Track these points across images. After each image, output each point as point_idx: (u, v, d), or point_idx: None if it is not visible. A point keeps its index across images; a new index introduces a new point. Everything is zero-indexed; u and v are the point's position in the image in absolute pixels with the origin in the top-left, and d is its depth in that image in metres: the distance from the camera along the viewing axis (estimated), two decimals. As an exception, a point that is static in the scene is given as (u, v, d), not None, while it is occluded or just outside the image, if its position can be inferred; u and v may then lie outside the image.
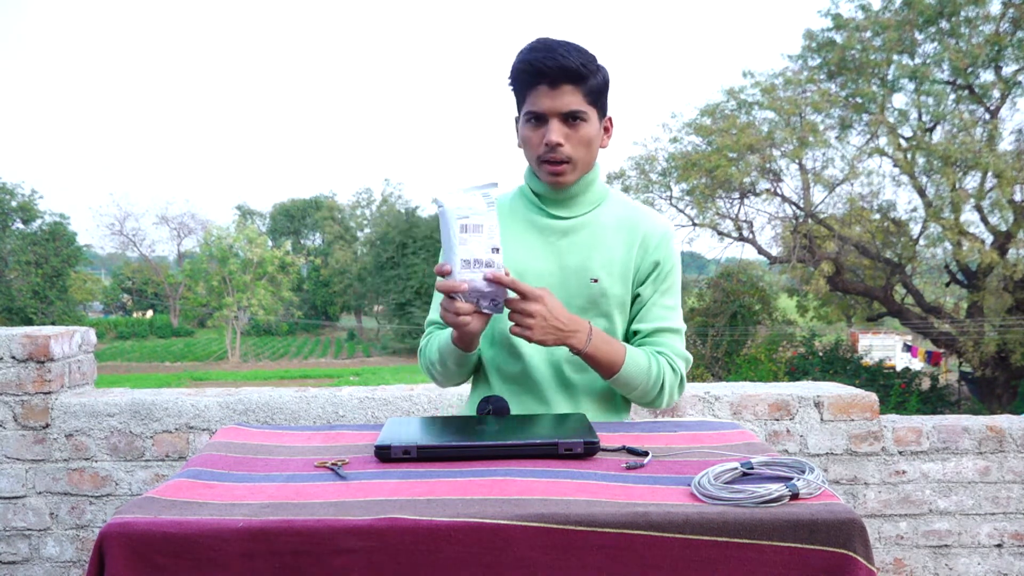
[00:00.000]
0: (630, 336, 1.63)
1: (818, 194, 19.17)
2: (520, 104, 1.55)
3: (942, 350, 20.28)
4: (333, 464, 1.27)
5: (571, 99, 1.48)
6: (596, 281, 1.56)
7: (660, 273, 1.60)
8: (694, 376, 23.67)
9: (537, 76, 1.47)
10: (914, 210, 18.83)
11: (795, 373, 20.57)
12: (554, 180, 1.54)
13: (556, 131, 1.49)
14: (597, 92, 1.52)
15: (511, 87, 1.56)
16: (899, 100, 18.26)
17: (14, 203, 42.79)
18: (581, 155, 1.53)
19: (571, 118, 1.50)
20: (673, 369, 1.57)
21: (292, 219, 58.97)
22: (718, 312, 24.10)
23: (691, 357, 1.63)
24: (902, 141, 17.89)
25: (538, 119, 1.51)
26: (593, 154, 1.56)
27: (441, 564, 1.04)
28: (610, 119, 1.60)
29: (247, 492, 1.16)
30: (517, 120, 1.59)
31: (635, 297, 1.61)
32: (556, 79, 1.46)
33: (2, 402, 2.61)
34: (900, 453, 2.70)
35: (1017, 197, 16.75)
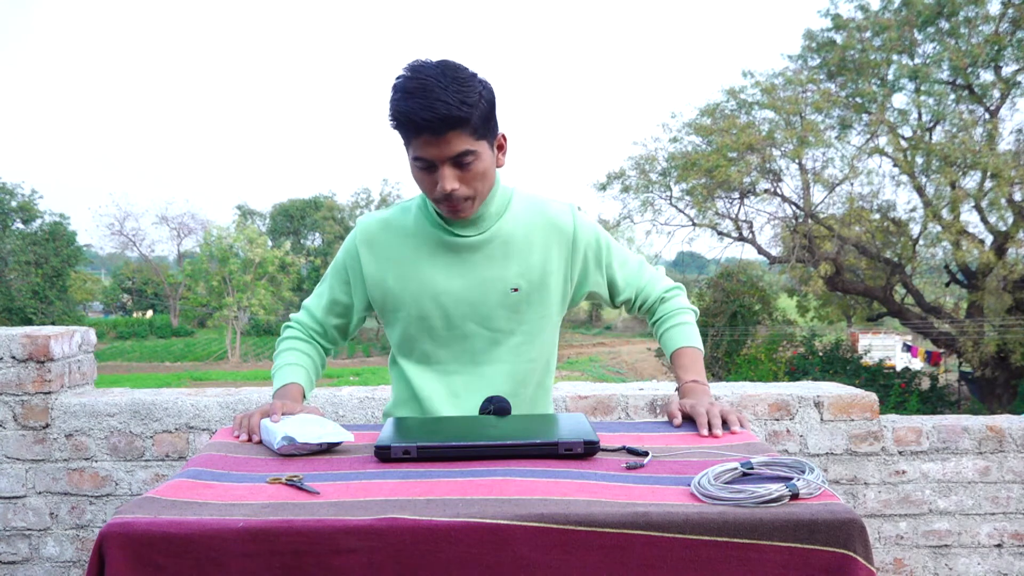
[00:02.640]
0: (624, 302, 1.75)
1: (818, 194, 19.19)
2: (405, 144, 1.48)
3: (942, 350, 20.27)
4: (289, 479, 1.21)
5: (457, 144, 1.42)
6: (516, 290, 1.58)
7: (596, 252, 1.67)
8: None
9: (418, 128, 1.40)
10: (913, 210, 18.84)
11: (795, 373, 20.57)
12: (455, 217, 1.52)
13: (449, 178, 1.44)
14: (483, 123, 1.45)
15: (392, 128, 1.48)
16: (899, 100, 18.27)
17: (14, 203, 42.75)
18: (478, 189, 1.50)
19: (460, 161, 1.44)
20: (678, 289, 1.78)
21: (292, 219, 58.90)
22: (718, 312, 24.11)
23: (662, 267, 1.80)
24: (902, 141, 17.89)
25: (428, 164, 1.45)
26: (490, 181, 1.52)
27: (441, 564, 1.04)
28: (503, 136, 1.54)
29: (247, 492, 1.16)
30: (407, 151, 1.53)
31: (591, 293, 1.70)
32: (438, 129, 1.39)
33: (2, 402, 2.61)
34: (900, 453, 2.70)
35: (1016, 197, 16.75)
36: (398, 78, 1.42)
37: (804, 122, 17.74)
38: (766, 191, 19.26)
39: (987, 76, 17.30)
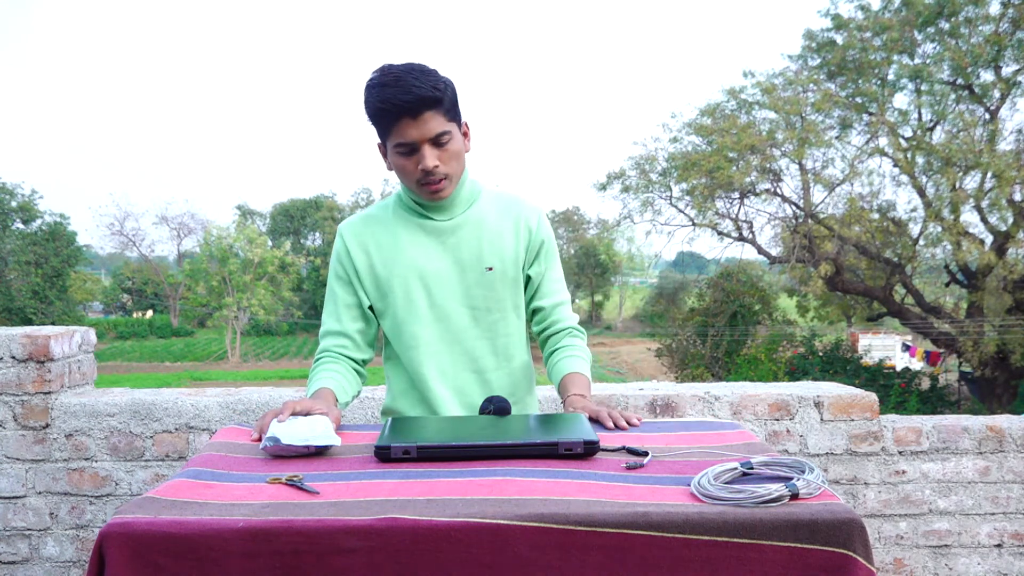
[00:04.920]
0: (534, 312, 1.83)
1: (818, 194, 19.17)
2: (384, 135, 1.63)
3: (941, 350, 20.27)
4: (289, 479, 1.21)
5: (434, 123, 1.58)
6: (491, 269, 1.73)
7: (545, 251, 1.81)
8: (694, 376, 23.68)
9: (398, 112, 1.55)
10: (914, 210, 18.82)
11: (795, 373, 20.57)
12: (435, 197, 1.66)
13: (429, 156, 1.59)
14: (452, 107, 1.63)
15: (370, 121, 1.64)
16: (899, 100, 18.27)
17: (14, 203, 42.78)
18: (454, 168, 1.66)
19: (438, 140, 1.60)
20: (581, 334, 1.86)
21: (292, 219, 58.92)
22: (718, 312, 24.14)
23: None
24: (902, 141, 17.88)
25: (410, 148, 1.60)
26: (462, 163, 1.69)
27: (441, 564, 1.04)
28: (466, 124, 1.72)
29: (247, 492, 1.16)
30: (381, 146, 1.68)
31: (527, 278, 1.80)
32: (416, 110, 1.55)
33: (2, 402, 2.61)
34: (900, 453, 2.70)
35: (1016, 197, 16.74)
36: (370, 78, 1.58)
37: (805, 122, 17.72)
38: (766, 191, 19.25)
39: (987, 76, 17.28)
